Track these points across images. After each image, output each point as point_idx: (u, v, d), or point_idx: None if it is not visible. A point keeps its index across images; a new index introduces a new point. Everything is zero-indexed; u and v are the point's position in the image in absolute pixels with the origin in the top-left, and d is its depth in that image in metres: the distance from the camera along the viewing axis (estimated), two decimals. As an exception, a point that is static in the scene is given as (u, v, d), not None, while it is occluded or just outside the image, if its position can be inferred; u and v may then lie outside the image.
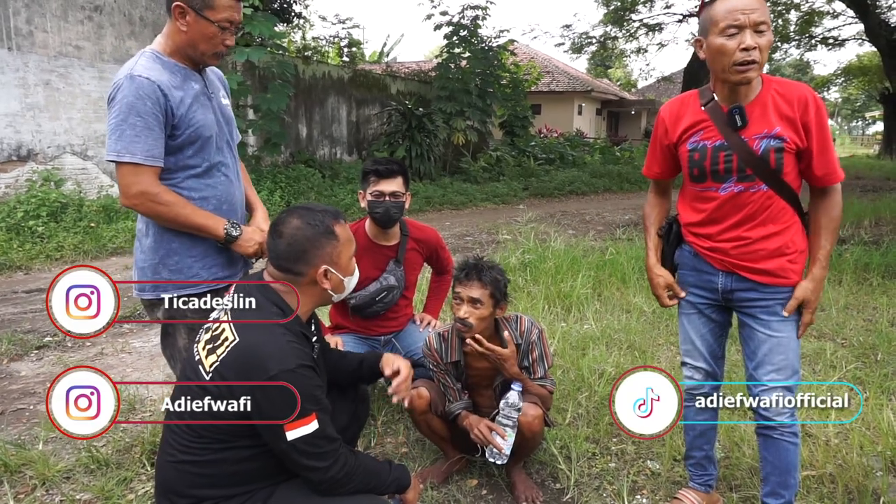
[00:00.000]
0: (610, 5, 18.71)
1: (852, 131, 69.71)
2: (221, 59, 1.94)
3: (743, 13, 1.69)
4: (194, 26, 1.82)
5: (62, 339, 4.14)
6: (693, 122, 1.90)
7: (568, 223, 9.41)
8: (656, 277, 2.10)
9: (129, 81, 1.77)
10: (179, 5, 1.80)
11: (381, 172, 2.61)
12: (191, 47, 1.87)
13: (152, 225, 1.92)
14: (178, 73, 1.88)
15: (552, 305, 4.48)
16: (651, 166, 2.10)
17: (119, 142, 1.77)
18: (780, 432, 1.92)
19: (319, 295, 1.67)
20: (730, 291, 1.94)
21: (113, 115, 1.79)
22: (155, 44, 1.90)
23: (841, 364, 3.45)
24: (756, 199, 1.84)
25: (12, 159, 7.41)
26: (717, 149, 1.84)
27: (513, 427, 2.17)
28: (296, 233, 1.59)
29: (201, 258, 1.94)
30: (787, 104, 1.77)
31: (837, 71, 30.93)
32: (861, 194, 12.09)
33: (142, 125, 1.77)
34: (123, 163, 1.78)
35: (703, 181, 1.90)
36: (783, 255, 1.86)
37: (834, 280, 5.24)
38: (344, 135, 13.12)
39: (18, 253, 6.22)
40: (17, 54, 7.33)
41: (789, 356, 1.89)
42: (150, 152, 1.79)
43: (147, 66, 1.82)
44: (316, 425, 1.49)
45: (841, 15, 18.75)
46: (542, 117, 23.26)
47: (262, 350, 1.49)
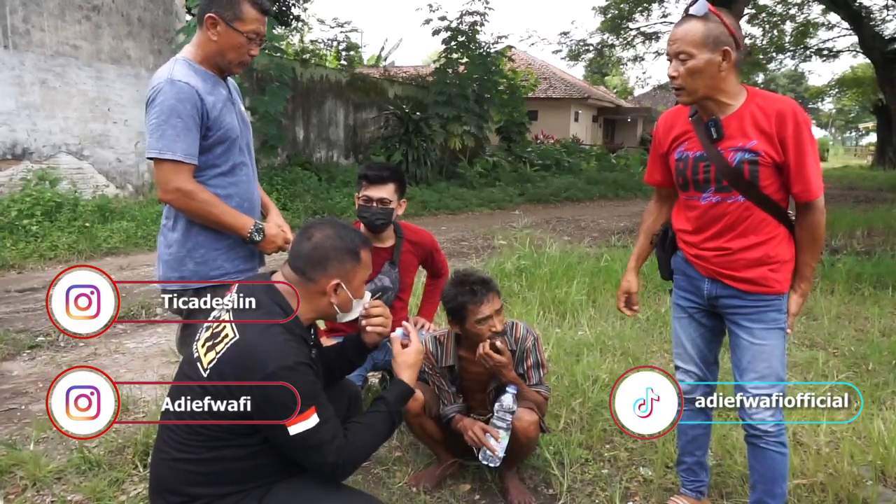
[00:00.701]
0: (607, 13, 18.83)
1: (846, 142, 70.19)
2: (245, 68, 2.11)
3: (670, 44, 1.83)
4: (224, 36, 1.98)
5: (55, 338, 4.12)
6: (680, 132, 1.97)
7: (563, 229, 9.43)
8: (623, 281, 2.26)
9: (170, 86, 1.92)
10: (212, 16, 1.96)
11: (370, 178, 2.62)
12: (220, 56, 2.02)
13: (181, 219, 2.03)
14: (209, 79, 2.02)
15: (547, 311, 4.49)
16: (652, 174, 2.16)
17: (160, 140, 1.90)
18: (765, 441, 1.94)
19: (324, 308, 1.68)
20: (715, 297, 1.98)
21: (153, 116, 1.92)
22: (185, 52, 2.05)
23: (833, 373, 3.47)
24: (733, 209, 1.88)
25: (7, 158, 7.38)
26: (698, 159, 1.90)
27: (507, 429, 2.17)
28: (325, 240, 1.64)
29: (225, 251, 2.06)
30: (765, 118, 1.81)
31: (832, 82, 31.22)
32: (854, 205, 12.18)
33: (181, 126, 1.91)
34: (164, 160, 1.91)
35: (688, 190, 1.96)
36: (765, 264, 1.88)
37: (826, 290, 5.27)
38: (341, 138, 13.13)
39: (12, 252, 6.19)
40: (14, 53, 7.31)
41: (773, 363, 1.91)
42: (188, 151, 1.93)
43: (184, 72, 1.96)
44: (316, 419, 1.52)
45: (836, 27, 18.95)
46: (538, 123, 23.32)
47: (261, 347, 1.50)
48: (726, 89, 1.83)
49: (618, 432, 2.82)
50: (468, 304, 2.17)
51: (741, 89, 1.86)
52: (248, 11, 1.98)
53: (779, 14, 18.94)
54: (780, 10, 18.88)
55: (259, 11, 2.00)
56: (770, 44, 20.30)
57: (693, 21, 1.79)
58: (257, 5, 2.00)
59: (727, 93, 1.83)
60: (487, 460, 2.20)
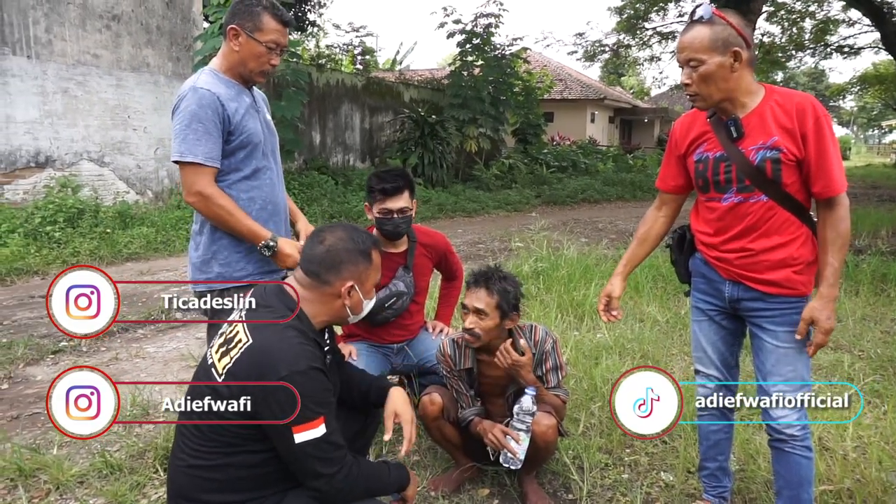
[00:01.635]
0: (623, 14, 18.69)
1: (868, 140, 68.97)
2: (267, 77, 2.21)
3: (679, 53, 1.82)
4: (245, 46, 2.07)
5: (77, 343, 4.17)
6: (699, 133, 1.94)
7: (580, 231, 9.38)
8: (608, 284, 2.20)
9: (193, 93, 2.02)
10: (234, 28, 2.06)
11: (387, 191, 2.59)
12: (242, 65, 2.11)
13: (206, 223, 2.13)
14: (233, 87, 2.12)
15: (565, 314, 4.46)
16: (665, 179, 2.12)
17: (182, 144, 2.00)
18: (791, 445, 1.90)
19: (338, 310, 1.68)
20: (737, 300, 1.94)
21: (177, 122, 2.02)
22: (213, 64, 2.16)
23: (858, 376, 3.40)
24: (756, 209, 1.84)
25: (30, 166, 7.51)
26: (718, 160, 1.88)
27: (527, 431, 2.15)
28: (337, 243, 1.66)
29: (247, 254, 2.14)
30: (785, 114, 1.78)
31: (853, 79, 30.66)
32: (878, 204, 11.96)
33: (202, 130, 2.00)
34: (186, 163, 2.00)
35: (708, 191, 1.93)
36: (788, 266, 1.84)
37: (851, 291, 5.17)
38: (357, 142, 13.19)
39: (36, 258, 6.30)
40: (37, 62, 7.45)
41: (798, 367, 1.87)
42: (209, 154, 2.02)
43: (207, 80, 2.07)
44: (324, 429, 1.50)
45: (857, 23, 18.60)
46: (554, 125, 23.24)
47: (274, 351, 1.50)
48: (742, 89, 1.80)
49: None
50: (465, 284, 2.21)
51: (758, 87, 1.83)
52: (268, 22, 2.06)
53: (798, 11, 18.66)
54: (799, 7, 18.61)
55: (279, 22, 2.08)
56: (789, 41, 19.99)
57: (698, 27, 1.77)
58: (277, 17, 2.07)
59: (744, 92, 1.81)
60: (508, 463, 2.18)
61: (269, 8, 2.07)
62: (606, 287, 2.20)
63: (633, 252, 2.20)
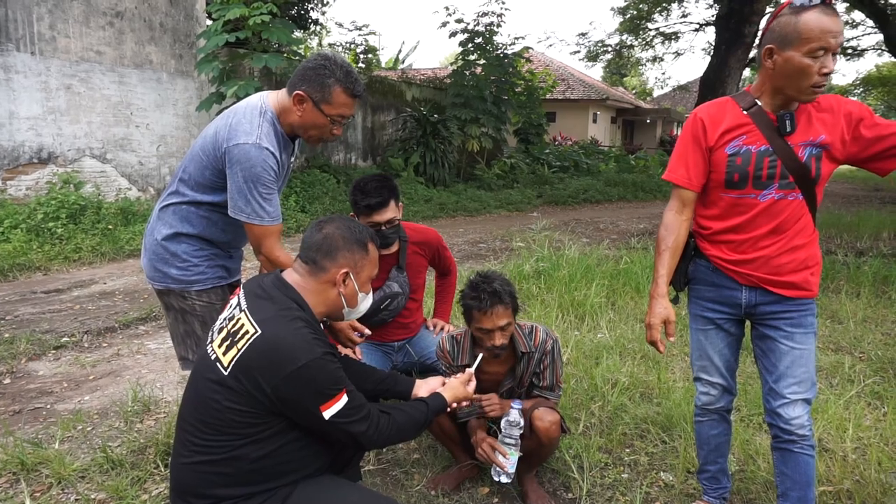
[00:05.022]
0: (626, 14, 18.66)
1: (871, 142, 68.66)
2: (321, 144, 2.16)
3: (834, 37, 1.66)
4: (309, 114, 1.99)
5: (79, 339, 4.19)
6: (734, 125, 1.86)
7: (582, 231, 9.37)
8: (661, 308, 1.94)
9: (258, 151, 1.92)
10: (300, 94, 1.95)
11: (373, 206, 2.54)
12: (301, 129, 2.05)
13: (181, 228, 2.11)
14: (282, 141, 2.04)
15: (566, 314, 4.46)
16: (693, 177, 1.92)
17: (248, 206, 1.96)
18: (800, 445, 1.90)
19: (333, 300, 1.70)
20: (753, 306, 1.93)
21: (240, 178, 1.94)
22: (272, 102, 2.03)
23: (859, 378, 3.40)
24: (791, 207, 1.83)
25: (33, 162, 7.53)
26: (762, 154, 1.82)
27: (515, 446, 2.17)
28: (335, 231, 1.69)
29: (207, 259, 2.15)
30: (826, 113, 1.80)
31: (856, 81, 30.58)
32: (880, 206, 11.95)
33: (266, 193, 1.97)
34: (253, 224, 1.99)
35: (743, 187, 1.85)
36: (807, 267, 1.87)
37: (852, 293, 5.18)
38: (359, 140, 13.19)
39: (38, 254, 6.31)
40: (40, 59, 7.46)
41: (809, 368, 1.89)
42: (273, 214, 2.01)
43: (268, 134, 1.97)
44: (346, 398, 1.58)
45: (860, 25, 18.55)
46: (556, 125, 23.24)
47: (288, 341, 1.52)
48: None
49: (638, 436, 2.79)
50: (472, 310, 2.16)
51: None
52: (339, 96, 1.96)
53: (801, 12, 18.62)
54: (802, 9, 18.57)
55: (350, 96, 1.99)
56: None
57: (834, 12, 1.68)
58: (349, 91, 1.97)
59: None
60: (499, 476, 2.19)
61: (342, 81, 1.95)
62: (657, 310, 1.93)
63: (671, 266, 1.99)
